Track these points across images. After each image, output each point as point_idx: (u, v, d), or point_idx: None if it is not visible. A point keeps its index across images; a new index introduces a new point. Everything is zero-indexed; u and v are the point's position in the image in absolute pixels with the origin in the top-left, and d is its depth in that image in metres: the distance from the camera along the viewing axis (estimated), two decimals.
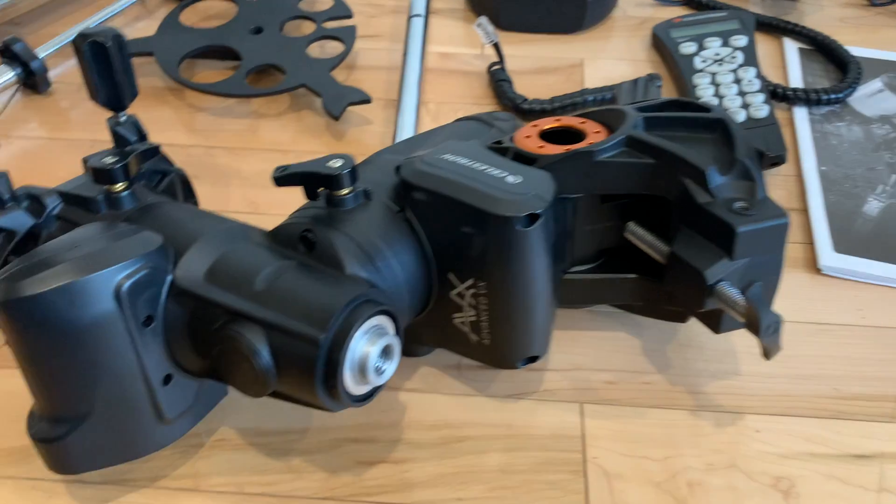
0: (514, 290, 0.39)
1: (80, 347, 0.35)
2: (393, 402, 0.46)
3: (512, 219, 0.37)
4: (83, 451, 0.38)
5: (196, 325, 0.37)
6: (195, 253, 0.38)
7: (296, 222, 0.39)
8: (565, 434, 0.44)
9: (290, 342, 0.35)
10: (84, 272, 0.34)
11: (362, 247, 0.39)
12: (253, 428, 0.44)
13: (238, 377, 0.37)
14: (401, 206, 0.41)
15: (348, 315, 0.36)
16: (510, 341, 0.42)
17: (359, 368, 0.36)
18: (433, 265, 0.41)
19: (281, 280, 0.37)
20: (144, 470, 0.42)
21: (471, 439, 0.44)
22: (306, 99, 0.64)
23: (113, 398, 0.37)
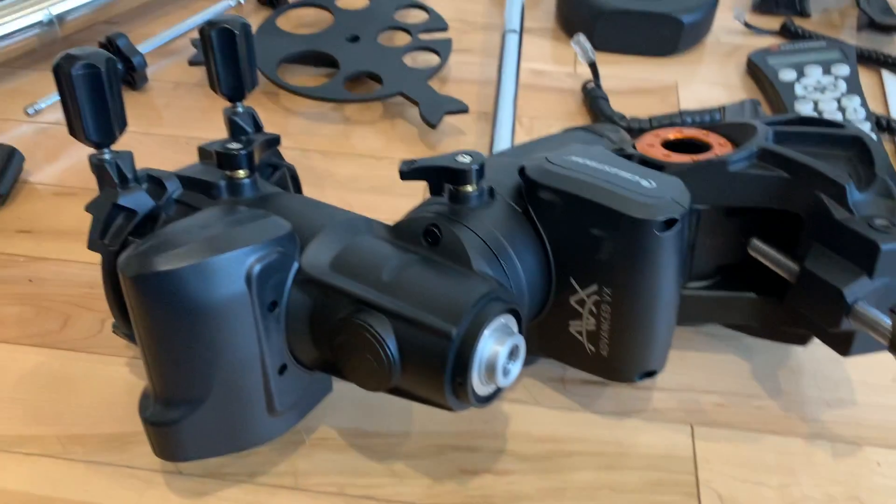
0: (641, 298, 0.38)
1: (206, 328, 0.34)
2: (495, 412, 0.44)
3: (649, 222, 0.36)
4: (193, 438, 0.37)
5: (319, 313, 0.36)
6: (319, 242, 0.37)
7: (420, 217, 0.39)
8: (676, 455, 0.43)
9: (420, 335, 0.34)
10: (218, 251, 0.34)
11: (488, 244, 0.38)
12: (353, 428, 0.43)
13: (359, 369, 0.36)
14: (524, 206, 0.40)
15: (479, 311, 0.34)
16: (630, 354, 0.40)
17: (487, 367, 0.35)
18: (553, 269, 0.40)
19: (408, 272, 0.36)
20: (243, 465, 0.41)
21: (577, 455, 0.42)
22: (399, 108, 0.64)
23: (229, 384, 0.36)
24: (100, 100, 0.37)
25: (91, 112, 0.37)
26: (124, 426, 0.43)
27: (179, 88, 0.66)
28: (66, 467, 0.41)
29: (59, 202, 0.56)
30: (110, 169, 0.39)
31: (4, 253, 0.52)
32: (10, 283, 0.50)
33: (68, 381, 0.45)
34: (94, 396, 0.44)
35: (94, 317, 0.49)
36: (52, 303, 0.49)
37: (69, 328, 0.48)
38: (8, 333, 0.47)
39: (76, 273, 0.51)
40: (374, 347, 0.35)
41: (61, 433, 0.42)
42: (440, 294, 0.35)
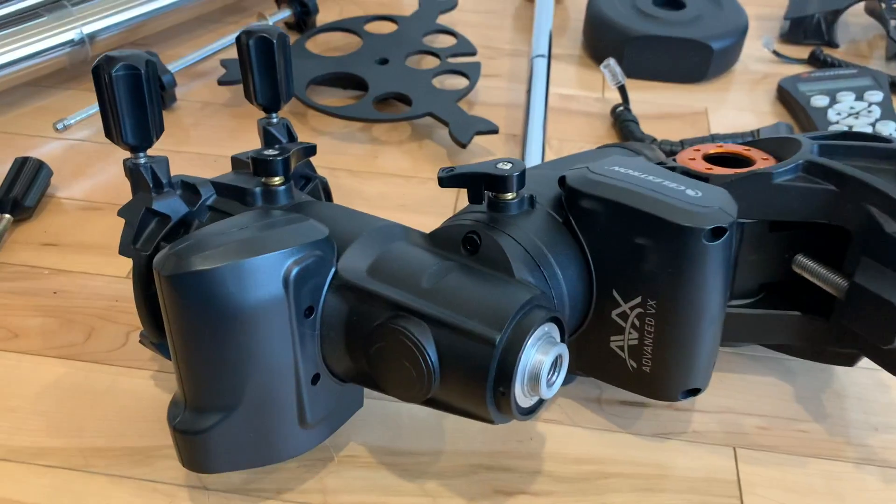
0: (687, 310, 0.37)
1: (240, 331, 0.33)
2: (530, 432, 0.43)
3: (697, 231, 0.35)
4: (223, 449, 0.36)
5: (355, 320, 0.35)
6: (356, 248, 0.36)
7: (459, 224, 0.38)
8: (719, 478, 0.41)
9: (461, 342, 0.33)
10: (256, 252, 0.33)
11: (529, 252, 0.37)
12: (383, 447, 0.42)
13: (396, 378, 0.35)
14: (564, 216, 0.39)
15: (522, 318, 0.33)
16: (673, 370, 0.39)
17: (530, 377, 0.34)
18: (595, 281, 0.39)
19: (448, 279, 0.35)
20: (270, 481, 0.40)
21: (616, 477, 0.41)
22: (427, 129, 0.64)
23: (262, 391, 0.35)
24: (138, 102, 0.37)
25: (129, 114, 0.37)
26: (148, 440, 0.42)
27: (207, 108, 0.66)
28: (88, 480, 0.40)
29: (86, 216, 0.56)
30: (145, 173, 0.39)
31: (30, 265, 0.52)
32: (35, 295, 0.50)
33: (91, 393, 0.44)
34: (117, 409, 0.43)
35: (118, 329, 0.48)
36: (77, 315, 0.48)
37: (93, 340, 0.47)
38: (31, 345, 0.47)
39: (101, 286, 0.50)
40: (412, 354, 0.34)
41: (83, 446, 0.41)
42: (482, 300, 0.34)
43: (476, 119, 0.60)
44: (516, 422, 0.43)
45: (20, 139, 0.62)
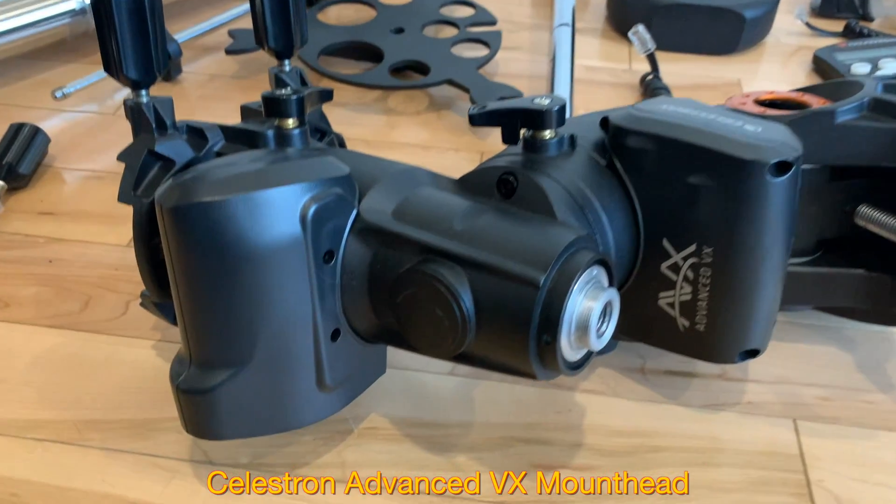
0: (748, 258, 0.33)
1: (253, 275, 0.30)
2: (569, 403, 0.39)
3: (760, 165, 0.32)
4: (231, 412, 0.32)
5: (380, 267, 0.32)
6: (379, 191, 0.33)
7: (491, 167, 0.34)
8: (780, 452, 0.37)
9: (500, 285, 0.29)
10: (270, 184, 0.29)
11: (571, 195, 0.33)
12: (407, 418, 0.38)
13: (426, 330, 0.31)
14: (608, 159, 0.35)
15: (568, 259, 0.30)
16: (731, 328, 0.35)
17: (578, 326, 0.30)
18: (642, 230, 0.35)
19: (483, 219, 0.31)
20: (282, 455, 0.36)
21: (667, 450, 0.37)
22: (446, 100, 0.61)
23: (276, 345, 0.31)
24: (141, 31, 0.34)
25: (131, 44, 0.34)
26: (148, 412, 0.38)
27: (215, 80, 0.63)
28: (82, 455, 0.36)
29: (85, 186, 0.52)
30: (147, 112, 0.35)
31: (24, 234, 0.48)
32: (29, 264, 0.46)
33: (88, 363, 0.40)
34: (115, 380, 0.39)
35: (118, 298, 0.44)
36: (73, 284, 0.45)
37: (90, 310, 0.43)
38: (24, 314, 0.43)
39: (99, 254, 0.47)
40: (445, 301, 0.30)
41: (78, 418, 0.37)
42: (522, 241, 0.30)
43: (499, 85, 0.57)
44: (553, 392, 0.40)
45: (17, 110, 0.59)
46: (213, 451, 0.36)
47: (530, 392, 0.39)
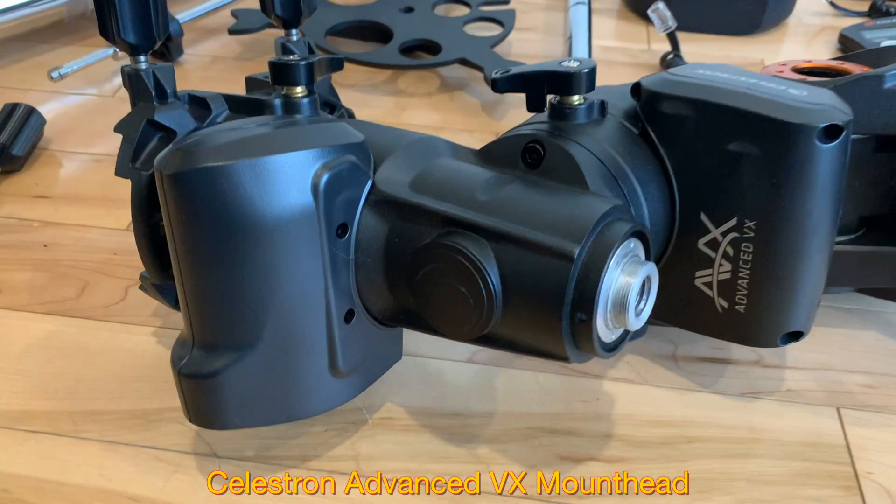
0: (794, 231, 0.31)
1: (261, 248, 0.27)
2: (596, 392, 0.37)
3: (808, 129, 0.29)
4: (238, 398, 0.29)
5: (397, 242, 0.29)
6: (395, 161, 0.31)
7: (516, 135, 0.32)
8: (824, 442, 0.35)
9: (530, 259, 0.27)
10: (279, 150, 0.27)
11: (604, 164, 0.31)
12: (425, 408, 0.36)
13: (448, 310, 0.28)
14: (640, 127, 0.33)
15: (604, 230, 0.27)
16: (774, 308, 0.32)
17: (615, 303, 0.27)
18: (678, 203, 0.33)
19: (509, 190, 0.29)
20: (292, 447, 0.34)
21: (703, 441, 0.34)
22: (458, 81, 0.58)
23: (286, 326, 0.29)
24: None
25: (129, 5, 0.31)
26: (149, 402, 0.35)
27: (217, 63, 0.61)
28: (78, 447, 0.34)
29: (82, 169, 0.50)
30: (147, 79, 0.33)
31: (18, 217, 0.46)
32: (23, 249, 0.44)
33: (84, 351, 0.38)
34: (113, 369, 0.37)
35: (116, 284, 0.42)
36: (70, 269, 0.43)
37: (87, 295, 0.41)
38: (17, 300, 0.41)
39: (98, 238, 0.45)
40: (469, 277, 0.28)
41: (74, 409, 0.35)
42: (553, 211, 0.28)
43: (514, 63, 0.54)
44: (579, 380, 0.37)
45: (13, 93, 0.57)
46: (217, 443, 0.34)
47: (555, 380, 0.37)
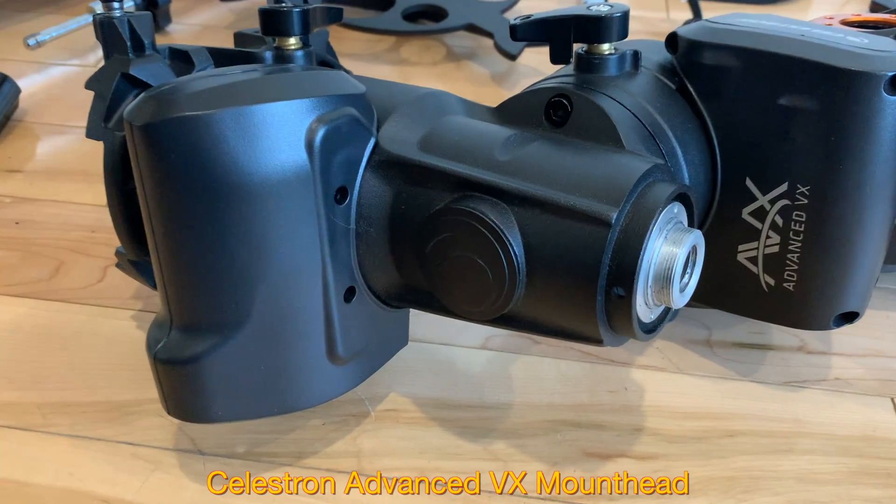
0: (854, 198, 0.27)
1: (246, 213, 0.24)
2: (624, 381, 0.33)
3: (874, 78, 0.25)
4: (223, 387, 0.26)
5: (404, 209, 0.26)
6: (401, 118, 0.27)
7: (539, 88, 0.28)
8: (879, 436, 0.31)
9: (559, 225, 0.23)
10: (268, 98, 0.23)
11: (640, 120, 0.27)
12: (435, 398, 0.32)
13: (463, 285, 0.25)
14: (678, 82, 0.29)
15: (645, 192, 0.24)
16: (828, 286, 0.29)
17: (658, 276, 0.24)
18: (720, 167, 0.29)
19: (532, 148, 0.25)
20: (286, 443, 0.30)
21: (743, 435, 0.31)
22: (466, 50, 0.55)
23: (277, 304, 0.25)
24: None
25: None
26: (127, 393, 0.32)
27: (208, 32, 0.57)
28: (47, 443, 0.30)
29: (58, 142, 0.46)
30: (121, 28, 0.29)
31: None
32: None
33: (57, 336, 0.34)
34: (88, 356, 0.34)
35: (94, 264, 0.38)
36: (43, 248, 0.39)
37: (62, 276, 0.37)
38: None
39: (73, 215, 0.41)
40: (489, 246, 0.24)
41: (43, 400, 0.31)
42: (585, 171, 0.24)
43: None
44: (604, 368, 0.34)
45: None
46: (202, 438, 0.30)
47: (578, 368, 0.34)
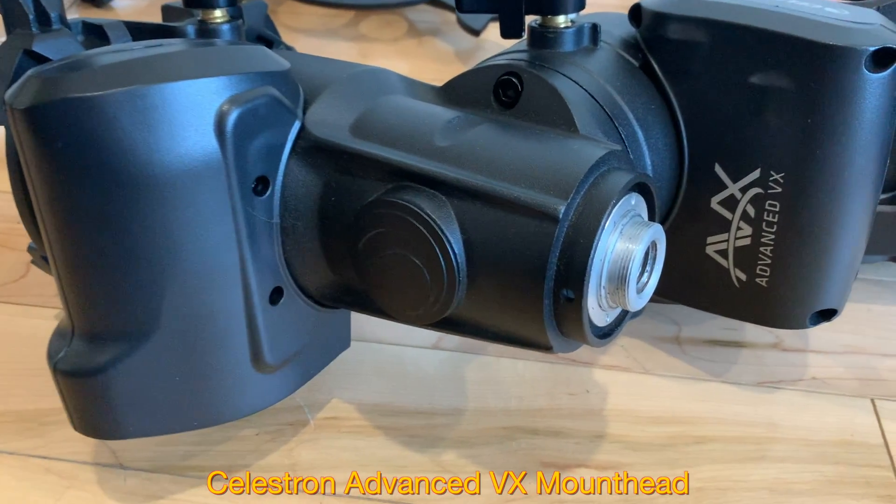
0: (833, 186, 0.25)
1: (148, 206, 0.21)
2: (586, 383, 0.31)
3: (855, 53, 0.23)
4: (134, 400, 0.23)
5: (334, 201, 0.23)
6: (331, 98, 0.24)
7: (488, 66, 0.26)
8: (858, 441, 0.29)
9: (502, 220, 0.21)
10: (171, 76, 0.20)
11: (597, 101, 0.25)
12: (380, 405, 0.30)
13: (398, 287, 0.22)
14: (641, 58, 0.27)
15: (598, 182, 0.21)
16: (804, 281, 0.26)
17: (612, 275, 0.21)
18: (687, 151, 0.27)
19: (476, 133, 0.23)
20: (216, 455, 0.28)
21: (713, 441, 0.29)
22: (428, 25, 0.52)
23: (190, 308, 0.22)
24: None
25: None
26: (42, 401, 0.29)
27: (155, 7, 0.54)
28: None
29: None
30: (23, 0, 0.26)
31: None
32: None
33: None
34: (4, 359, 0.31)
35: (16, 258, 0.35)
36: None
37: None
38: None
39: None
40: (424, 244, 0.21)
41: None
42: (532, 159, 0.22)
43: None
44: (565, 368, 0.32)
45: None
46: (124, 450, 0.28)
47: (537, 369, 0.31)
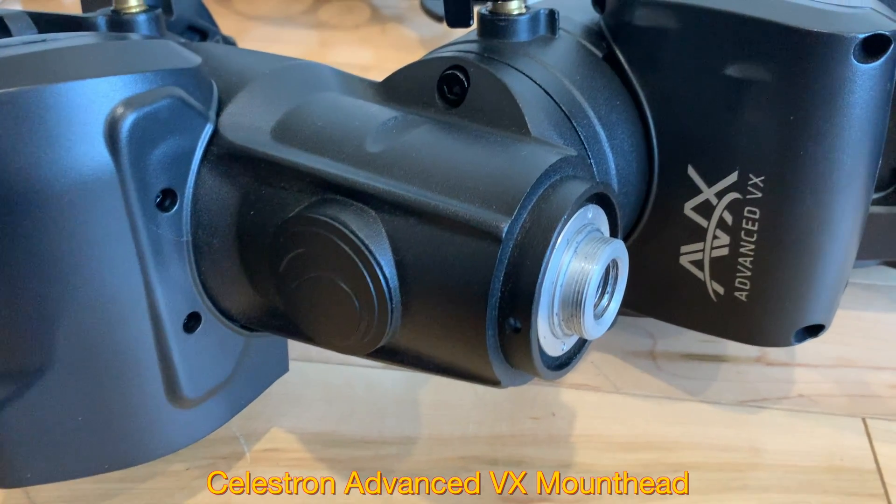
0: (819, 189, 0.22)
1: (30, 228, 0.18)
2: (551, 405, 0.28)
3: (843, 40, 0.20)
4: (30, 444, 0.20)
5: (253, 215, 0.20)
6: (250, 97, 0.21)
7: (431, 59, 0.23)
8: (849, 466, 0.26)
9: (438, 240, 0.18)
10: (54, 77, 0.18)
11: (552, 97, 0.22)
12: (323, 433, 0.27)
13: (325, 314, 0.20)
14: (606, 48, 0.24)
15: (549, 195, 0.18)
16: (787, 296, 0.24)
17: (566, 302, 0.19)
18: (657, 152, 0.24)
19: (412, 137, 0.20)
20: (141, 494, 0.25)
21: (694, 468, 0.26)
22: (392, 11, 0.49)
23: (88, 342, 0.19)
24: None
25: None
26: None
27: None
28: None
29: None
30: None
31: None
32: None
33: None
34: None
35: None
36: None
37: None
38: None
39: None
40: (351, 266, 0.19)
41: None
42: (474, 168, 0.19)
43: None
44: (529, 389, 0.29)
45: None
46: (38, 490, 0.25)
47: (497, 391, 0.29)
